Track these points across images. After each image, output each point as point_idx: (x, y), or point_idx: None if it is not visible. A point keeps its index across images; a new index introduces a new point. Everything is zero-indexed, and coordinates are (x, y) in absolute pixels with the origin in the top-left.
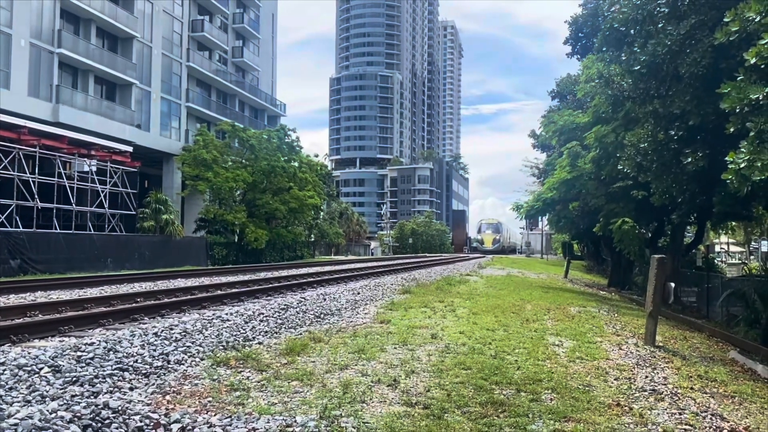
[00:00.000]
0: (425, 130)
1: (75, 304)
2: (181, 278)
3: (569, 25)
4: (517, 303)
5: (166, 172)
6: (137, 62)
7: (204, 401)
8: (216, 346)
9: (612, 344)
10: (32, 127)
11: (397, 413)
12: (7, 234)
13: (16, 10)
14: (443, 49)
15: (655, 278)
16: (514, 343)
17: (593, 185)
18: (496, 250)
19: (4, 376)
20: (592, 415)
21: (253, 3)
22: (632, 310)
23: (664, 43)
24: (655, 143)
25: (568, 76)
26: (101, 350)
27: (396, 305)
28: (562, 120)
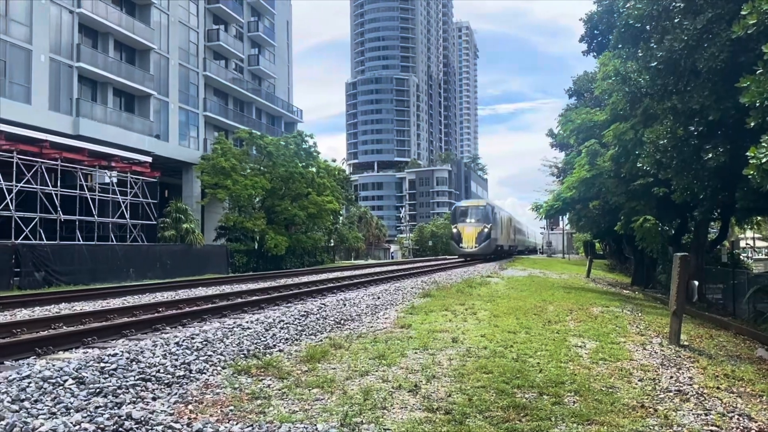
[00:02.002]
0: (442, 131)
1: (98, 315)
2: (202, 287)
3: (584, 23)
4: (539, 304)
5: (185, 181)
6: (155, 73)
7: (226, 410)
8: (237, 355)
9: (636, 344)
10: (53, 140)
11: (419, 419)
12: (32, 247)
13: (35, 26)
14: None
15: (678, 276)
16: (536, 345)
17: (613, 183)
18: (483, 251)
19: (30, 389)
20: (616, 418)
21: (267, 11)
22: (656, 308)
23: (681, 38)
24: (675, 139)
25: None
26: (124, 361)
27: (416, 309)
28: (579, 118)
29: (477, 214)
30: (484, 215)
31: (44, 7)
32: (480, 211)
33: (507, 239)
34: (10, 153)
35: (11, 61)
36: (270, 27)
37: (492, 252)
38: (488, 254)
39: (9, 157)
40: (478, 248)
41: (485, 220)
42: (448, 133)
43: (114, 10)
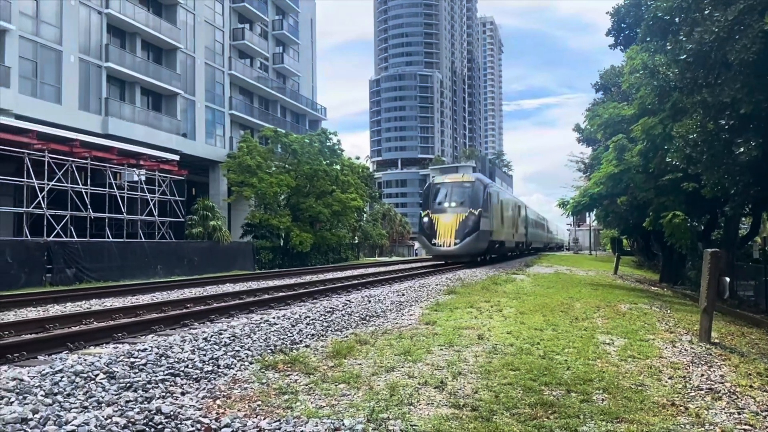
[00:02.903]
0: (466, 128)
1: (128, 311)
2: (229, 283)
3: (611, 16)
4: (566, 301)
5: (212, 180)
6: (181, 72)
7: (253, 405)
8: (264, 350)
9: (665, 342)
10: (83, 139)
11: (445, 415)
12: (63, 244)
13: (65, 28)
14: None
15: (708, 273)
16: (563, 342)
17: (641, 178)
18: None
19: (62, 383)
20: (646, 416)
21: (291, 9)
22: (685, 306)
23: (712, 30)
24: (705, 134)
25: (612, 68)
26: (153, 356)
27: (441, 306)
28: (606, 113)
29: (460, 194)
30: (471, 196)
31: (74, 8)
32: (464, 191)
33: (511, 232)
34: (42, 152)
35: (42, 62)
36: (294, 25)
37: (482, 251)
38: (476, 254)
39: (41, 156)
40: (458, 246)
41: (472, 203)
42: (472, 129)
43: (141, 10)
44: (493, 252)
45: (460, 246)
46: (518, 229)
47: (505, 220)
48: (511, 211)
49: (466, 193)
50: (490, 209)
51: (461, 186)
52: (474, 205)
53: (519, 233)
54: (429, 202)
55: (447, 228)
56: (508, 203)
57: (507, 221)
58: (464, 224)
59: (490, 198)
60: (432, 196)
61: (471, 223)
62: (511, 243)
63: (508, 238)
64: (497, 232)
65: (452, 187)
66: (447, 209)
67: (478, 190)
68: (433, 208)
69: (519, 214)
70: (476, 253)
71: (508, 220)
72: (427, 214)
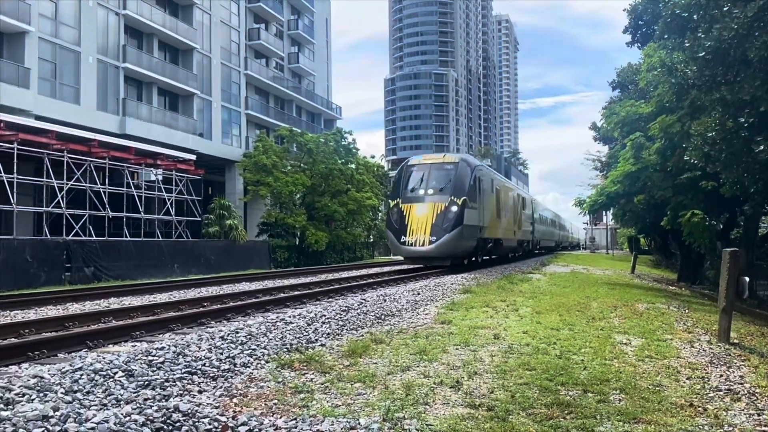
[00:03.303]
0: (482, 126)
1: (145, 310)
2: (245, 282)
3: (628, 14)
4: (582, 301)
5: (228, 179)
6: (198, 73)
7: (270, 403)
8: (280, 349)
9: (683, 342)
10: (101, 139)
11: (461, 415)
12: (82, 243)
13: (83, 29)
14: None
15: (727, 272)
16: (579, 342)
17: (659, 177)
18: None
19: (82, 381)
20: (664, 416)
21: (307, 9)
22: (704, 305)
23: (731, 27)
24: (724, 132)
25: (629, 66)
26: (171, 354)
27: (457, 305)
28: (623, 111)
29: (439, 178)
30: (453, 181)
31: (92, 9)
32: (445, 174)
33: (511, 228)
34: (61, 152)
35: (61, 63)
36: (309, 25)
37: (469, 251)
38: (459, 255)
39: (60, 156)
40: (434, 245)
41: (455, 189)
42: (487, 127)
43: (158, 11)
44: (485, 252)
45: (437, 245)
46: (522, 226)
47: (503, 214)
48: (513, 204)
49: (447, 177)
50: (481, 198)
51: (441, 168)
52: (457, 193)
53: (523, 230)
54: (400, 189)
55: (421, 222)
56: (508, 194)
57: (506, 215)
58: (443, 217)
59: (479, 184)
60: (404, 180)
61: (452, 215)
62: (511, 242)
63: (506, 236)
64: (491, 228)
65: (430, 169)
66: (422, 197)
67: (464, 173)
68: (405, 196)
69: (523, 207)
70: (460, 254)
71: (507, 213)
72: (396, 203)
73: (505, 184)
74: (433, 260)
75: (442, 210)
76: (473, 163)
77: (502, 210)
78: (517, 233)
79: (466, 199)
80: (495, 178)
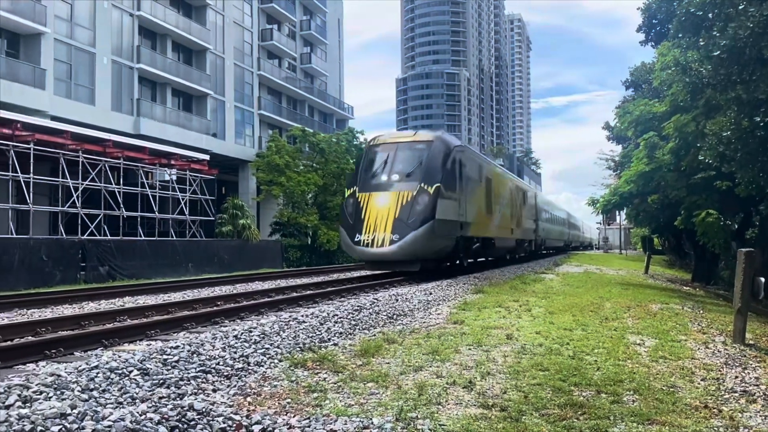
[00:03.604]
0: (494, 125)
1: (160, 309)
2: (258, 281)
3: (642, 12)
4: (596, 301)
5: (241, 179)
6: (211, 73)
7: (283, 402)
8: (293, 348)
9: (697, 343)
10: (116, 140)
11: (474, 415)
12: (97, 242)
13: (98, 30)
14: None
15: (743, 273)
16: (593, 342)
17: (673, 177)
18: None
19: (98, 379)
20: (678, 418)
21: (319, 9)
22: (719, 306)
23: (746, 26)
24: (739, 131)
25: (643, 65)
26: (185, 353)
27: (469, 305)
28: (637, 110)
29: (407, 160)
30: (425, 164)
31: (106, 11)
32: (415, 156)
33: (507, 226)
34: (77, 152)
35: (76, 64)
36: (322, 25)
37: (445, 253)
38: (431, 258)
39: (75, 157)
40: (397, 246)
41: (426, 174)
42: (500, 126)
43: (171, 12)
44: (470, 254)
45: (401, 245)
46: (522, 223)
47: (497, 208)
48: (510, 197)
49: (417, 159)
50: (462, 187)
51: (411, 148)
52: (429, 178)
53: (524, 228)
54: (359, 175)
55: (381, 215)
56: (504, 184)
57: (500, 210)
58: (409, 209)
59: (460, 168)
60: (364, 164)
61: (421, 207)
62: (507, 241)
63: (501, 234)
64: (478, 225)
65: (396, 150)
66: (384, 185)
67: (439, 154)
68: (363, 184)
69: (524, 202)
70: (431, 256)
71: (502, 207)
72: (352, 193)
73: (500, 172)
74: (397, 264)
75: (409, 200)
76: (452, 143)
77: (495, 203)
78: (515, 231)
79: (440, 186)
80: (485, 164)
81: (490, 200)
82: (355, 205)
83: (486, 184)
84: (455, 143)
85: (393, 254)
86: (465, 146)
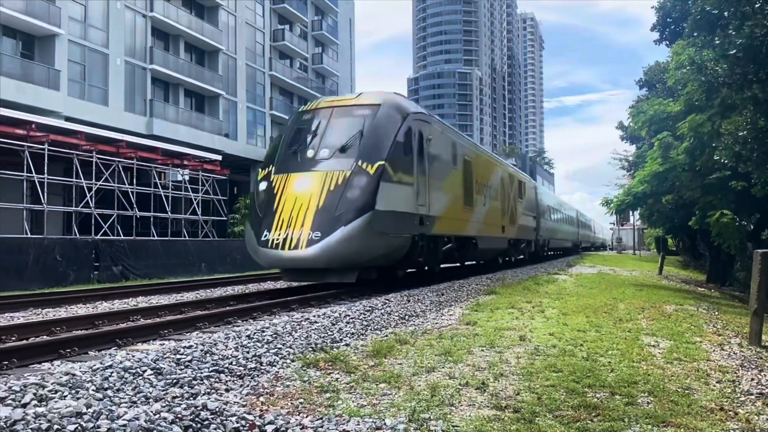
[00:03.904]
0: (506, 125)
1: (173, 308)
2: (270, 281)
3: (656, 11)
4: (609, 302)
5: (253, 179)
6: (223, 74)
7: (296, 403)
8: (305, 348)
9: (713, 344)
10: (129, 140)
11: (487, 417)
12: (110, 242)
13: (111, 31)
14: (523, 42)
15: (759, 274)
16: (606, 344)
17: (687, 177)
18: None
19: (112, 378)
20: (693, 420)
21: (331, 9)
22: (734, 307)
23: (763, 24)
24: (756, 131)
25: (657, 64)
26: (199, 353)
27: (481, 306)
28: (651, 110)
29: (344, 131)
30: (368, 137)
31: (119, 12)
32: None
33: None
34: (90, 153)
35: (90, 65)
36: (333, 25)
37: (395, 258)
38: (368, 264)
39: (89, 157)
40: (319, 246)
41: (367, 149)
42: (512, 126)
43: (184, 13)
44: (436, 258)
45: (324, 247)
46: (517, 219)
47: (479, 198)
48: (499, 186)
49: (356, 129)
50: (422, 167)
51: (350, 114)
52: (370, 154)
53: (519, 226)
54: (278, 152)
55: (299, 205)
56: (489, 168)
57: (483, 200)
58: (339, 196)
59: (421, 143)
60: (288, 138)
61: (357, 192)
62: (495, 242)
63: (485, 233)
64: (449, 220)
65: (330, 117)
66: (308, 163)
67: (384, 122)
68: (282, 163)
69: (521, 194)
70: (373, 261)
71: (486, 198)
72: (266, 175)
73: (485, 155)
74: (323, 274)
75: (340, 184)
76: (407, 108)
77: (478, 193)
78: (508, 229)
79: (385, 165)
80: (462, 142)
81: (469, 189)
82: (267, 192)
83: (464, 167)
84: (413, 109)
85: (313, 259)
86: (430, 116)
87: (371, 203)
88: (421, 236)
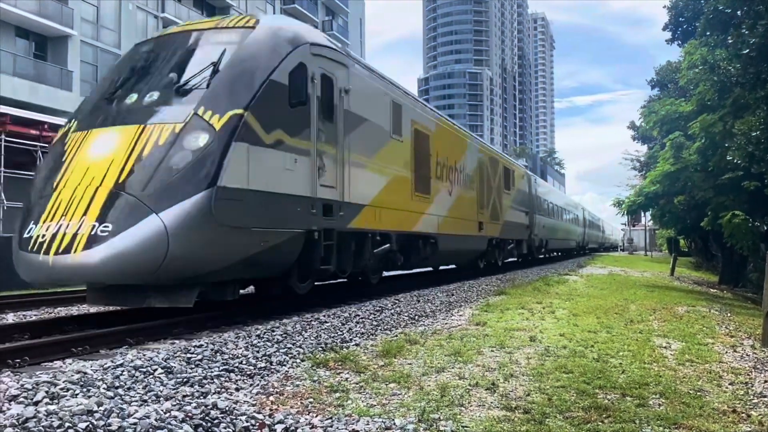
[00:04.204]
0: (517, 125)
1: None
2: None
3: (668, 10)
4: (620, 303)
5: None
6: None
7: (305, 402)
8: (315, 348)
9: (725, 346)
10: None
11: (497, 417)
12: None
13: (123, 32)
14: (533, 42)
15: None
16: (617, 345)
17: (699, 177)
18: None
19: (123, 377)
20: (705, 422)
21: (341, 10)
22: (747, 309)
23: None
24: None
25: (669, 64)
26: (209, 352)
27: (491, 307)
28: (663, 109)
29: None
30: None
31: (131, 13)
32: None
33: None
34: None
35: (102, 66)
36: (344, 26)
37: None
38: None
39: None
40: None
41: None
42: (523, 126)
43: (195, 13)
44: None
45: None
46: (502, 215)
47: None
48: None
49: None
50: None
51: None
52: (218, 100)
53: (505, 223)
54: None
55: (86, 181)
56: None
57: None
58: (152, 165)
59: (323, 86)
60: (107, 80)
61: (186, 157)
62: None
63: (449, 230)
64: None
65: (176, 47)
66: (122, 113)
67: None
68: (84, 117)
69: (509, 185)
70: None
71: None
72: (62, 136)
73: (446, 125)
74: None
75: (160, 145)
76: (300, 36)
77: (438, 177)
78: (486, 227)
79: (245, 116)
80: (407, 102)
81: (424, 171)
82: (54, 161)
83: (416, 141)
84: (313, 39)
85: (92, 269)
86: (351, 56)
87: (212, 176)
88: (326, 232)
